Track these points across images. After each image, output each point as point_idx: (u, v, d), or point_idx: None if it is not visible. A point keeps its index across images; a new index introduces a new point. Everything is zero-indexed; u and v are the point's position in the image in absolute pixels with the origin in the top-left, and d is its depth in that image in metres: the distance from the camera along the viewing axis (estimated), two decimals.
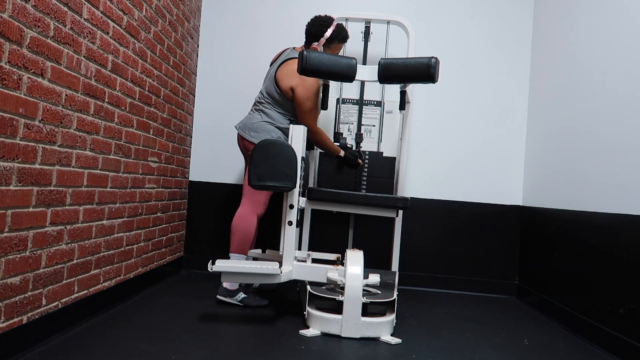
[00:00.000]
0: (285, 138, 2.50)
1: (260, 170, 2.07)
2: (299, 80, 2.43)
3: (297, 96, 2.42)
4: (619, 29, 2.14)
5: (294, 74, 2.43)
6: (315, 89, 2.42)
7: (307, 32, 2.55)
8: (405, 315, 2.38)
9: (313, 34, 2.53)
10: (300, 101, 2.43)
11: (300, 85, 2.42)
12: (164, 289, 2.57)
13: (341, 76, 2.21)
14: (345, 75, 2.21)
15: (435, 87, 3.17)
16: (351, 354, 1.80)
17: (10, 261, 1.46)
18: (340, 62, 2.21)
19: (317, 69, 2.20)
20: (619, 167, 2.05)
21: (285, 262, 2.14)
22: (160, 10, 2.50)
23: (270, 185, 2.06)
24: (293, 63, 2.46)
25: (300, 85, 2.42)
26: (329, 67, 2.20)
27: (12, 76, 1.42)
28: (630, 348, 1.87)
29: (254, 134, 2.45)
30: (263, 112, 2.49)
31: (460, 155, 3.16)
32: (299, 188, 2.18)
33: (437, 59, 2.38)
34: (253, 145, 2.41)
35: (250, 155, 2.10)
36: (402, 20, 2.80)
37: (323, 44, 2.54)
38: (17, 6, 1.42)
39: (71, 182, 1.77)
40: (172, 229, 2.89)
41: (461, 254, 3.13)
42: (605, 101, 2.19)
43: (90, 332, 1.82)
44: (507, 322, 2.42)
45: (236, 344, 1.80)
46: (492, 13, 3.18)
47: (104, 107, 1.98)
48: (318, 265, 2.15)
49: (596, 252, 2.18)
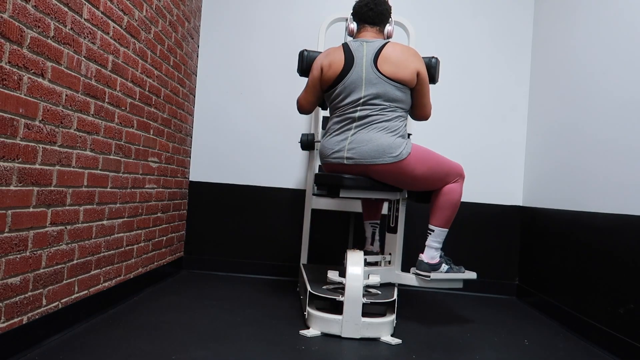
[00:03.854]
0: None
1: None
2: (419, 60, 2.15)
3: (425, 79, 2.16)
4: (619, 29, 2.13)
5: (410, 55, 2.13)
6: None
7: (374, 11, 2.20)
8: (405, 316, 2.38)
9: (384, 14, 2.22)
10: (427, 83, 2.19)
11: (422, 65, 2.16)
12: (164, 289, 2.57)
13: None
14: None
15: (435, 87, 3.16)
16: (351, 354, 1.80)
17: (10, 261, 1.46)
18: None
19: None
20: (619, 167, 2.05)
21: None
22: (161, 10, 2.50)
23: None
24: (394, 46, 2.14)
25: (422, 64, 2.15)
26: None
27: (13, 76, 1.42)
28: (630, 348, 1.87)
29: (395, 151, 2.08)
30: (382, 127, 2.10)
31: (460, 155, 3.16)
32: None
33: (438, 59, 2.38)
34: (402, 162, 2.08)
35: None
36: (402, 20, 2.80)
37: (356, 30, 2.26)
38: (18, 6, 1.42)
39: (71, 182, 1.77)
40: (172, 229, 2.89)
41: (461, 254, 3.12)
42: (606, 101, 2.19)
43: (90, 332, 1.82)
44: (507, 322, 2.42)
45: (236, 344, 1.80)
46: (492, 13, 3.18)
47: (104, 107, 1.98)
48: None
49: (596, 252, 2.18)
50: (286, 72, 3.17)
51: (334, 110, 2.23)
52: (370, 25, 2.23)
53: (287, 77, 3.16)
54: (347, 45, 2.19)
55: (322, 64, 2.19)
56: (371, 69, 2.11)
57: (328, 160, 2.20)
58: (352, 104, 2.14)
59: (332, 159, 2.18)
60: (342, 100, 2.16)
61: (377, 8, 2.20)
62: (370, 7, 2.20)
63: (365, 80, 2.11)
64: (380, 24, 2.24)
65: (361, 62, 2.13)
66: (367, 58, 2.13)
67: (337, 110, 2.20)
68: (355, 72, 2.13)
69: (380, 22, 2.24)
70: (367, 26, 2.23)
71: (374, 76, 2.11)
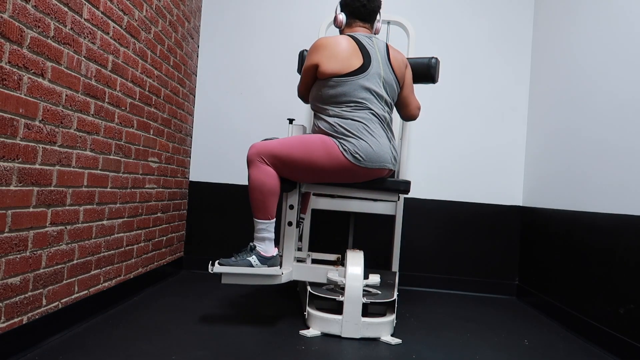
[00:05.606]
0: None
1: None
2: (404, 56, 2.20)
3: (411, 74, 2.23)
4: (619, 29, 2.14)
5: (401, 53, 2.20)
6: None
7: (367, 7, 2.15)
8: (405, 316, 2.38)
9: (375, 11, 2.19)
10: (411, 79, 2.24)
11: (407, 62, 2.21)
12: (164, 289, 2.57)
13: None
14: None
15: (435, 87, 3.17)
16: (351, 354, 1.80)
17: (10, 261, 1.46)
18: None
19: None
20: (619, 167, 2.05)
21: (285, 262, 2.14)
22: (161, 10, 2.50)
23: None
24: (393, 48, 2.18)
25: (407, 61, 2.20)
26: None
27: (13, 76, 1.42)
28: (630, 348, 1.87)
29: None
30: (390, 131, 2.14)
31: (460, 155, 3.16)
32: (299, 189, 2.18)
33: (438, 59, 2.38)
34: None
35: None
36: (402, 21, 2.80)
37: (344, 24, 2.20)
38: (18, 6, 1.42)
39: (71, 183, 1.77)
40: (172, 229, 2.89)
41: (461, 254, 3.13)
42: (605, 101, 2.19)
43: (90, 332, 1.82)
44: (507, 322, 2.42)
45: (236, 344, 1.80)
46: (492, 13, 3.18)
47: (104, 107, 1.98)
48: (318, 265, 2.16)
49: (596, 252, 2.18)
50: (286, 72, 3.17)
51: (350, 103, 2.03)
52: (362, 22, 2.16)
53: (287, 77, 3.16)
54: (354, 37, 2.08)
55: (320, 59, 2.04)
56: (386, 65, 2.09)
57: (375, 165, 2.03)
58: (378, 101, 2.06)
59: (378, 164, 2.04)
60: (365, 92, 2.03)
61: (369, 5, 2.13)
62: (362, 3, 2.12)
63: (384, 76, 2.08)
64: (371, 21, 2.19)
65: (376, 56, 2.08)
66: (380, 54, 2.10)
67: (362, 103, 2.03)
68: (375, 66, 2.06)
69: (371, 19, 2.18)
70: (359, 22, 2.16)
71: (389, 73, 2.09)
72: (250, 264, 1.97)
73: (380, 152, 2.01)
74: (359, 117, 2.01)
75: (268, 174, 1.99)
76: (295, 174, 2.05)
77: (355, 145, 1.98)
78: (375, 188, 2.16)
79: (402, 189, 2.16)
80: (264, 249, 2.00)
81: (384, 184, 2.14)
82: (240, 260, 1.97)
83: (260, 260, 1.98)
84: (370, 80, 2.04)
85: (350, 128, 2.00)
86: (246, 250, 2.01)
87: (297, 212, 2.19)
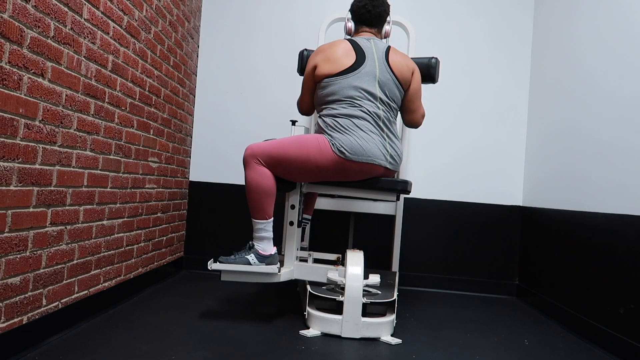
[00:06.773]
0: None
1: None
2: (413, 62, 2.18)
3: (419, 79, 2.20)
4: (619, 29, 2.14)
5: (407, 57, 2.18)
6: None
7: (372, 13, 2.18)
8: (405, 316, 2.38)
9: (382, 15, 2.20)
10: (420, 85, 2.20)
11: (416, 67, 2.20)
12: (164, 289, 2.57)
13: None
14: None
15: (435, 87, 3.17)
16: (351, 354, 1.80)
17: (10, 261, 1.47)
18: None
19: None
20: (618, 167, 2.05)
21: (287, 261, 2.15)
22: (161, 10, 2.50)
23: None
24: (394, 49, 2.18)
25: (416, 67, 2.20)
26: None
27: (13, 76, 1.42)
28: (630, 348, 1.87)
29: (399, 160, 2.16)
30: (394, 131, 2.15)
31: (460, 155, 3.16)
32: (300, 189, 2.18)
33: (438, 59, 2.38)
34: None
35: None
36: (402, 20, 2.80)
37: (353, 29, 2.27)
38: (18, 6, 1.42)
39: (71, 182, 1.77)
40: (172, 229, 2.89)
41: (461, 254, 3.13)
42: (605, 101, 2.19)
43: (90, 332, 1.82)
44: (507, 322, 2.42)
45: (236, 344, 1.80)
46: (492, 13, 3.18)
47: (104, 107, 1.98)
48: (318, 265, 2.16)
49: (596, 252, 2.19)
50: (286, 72, 3.17)
51: (340, 101, 2.08)
52: (369, 27, 2.22)
53: (287, 77, 3.16)
54: (353, 40, 2.15)
55: (317, 62, 2.12)
56: (384, 65, 2.10)
57: (361, 159, 2.04)
58: (369, 99, 2.06)
59: (365, 158, 2.04)
60: (354, 91, 2.05)
61: (374, 10, 2.17)
62: (368, 9, 2.17)
63: (379, 76, 2.08)
64: (378, 25, 2.22)
65: (372, 56, 2.10)
66: (378, 54, 2.11)
67: (351, 100, 2.06)
68: (369, 65, 2.08)
69: (378, 24, 2.22)
70: (365, 27, 2.22)
71: (386, 73, 2.09)
72: (249, 262, 2.00)
73: (366, 147, 2.03)
74: (348, 114, 2.05)
75: (263, 175, 2.02)
76: (290, 174, 2.07)
77: (341, 140, 2.02)
78: (375, 188, 2.15)
79: (402, 189, 2.16)
80: (262, 248, 2.03)
81: (384, 183, 2.14)
82: (239, 258, 2.01)
83: (258, 259, 2.01)
84: (361, 79, 2.07)
85: (339, 124, 2.04)
86: (245, 248, 2.04)
87: (299, 212, 2.20)
